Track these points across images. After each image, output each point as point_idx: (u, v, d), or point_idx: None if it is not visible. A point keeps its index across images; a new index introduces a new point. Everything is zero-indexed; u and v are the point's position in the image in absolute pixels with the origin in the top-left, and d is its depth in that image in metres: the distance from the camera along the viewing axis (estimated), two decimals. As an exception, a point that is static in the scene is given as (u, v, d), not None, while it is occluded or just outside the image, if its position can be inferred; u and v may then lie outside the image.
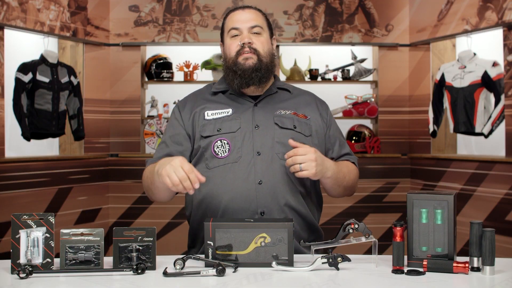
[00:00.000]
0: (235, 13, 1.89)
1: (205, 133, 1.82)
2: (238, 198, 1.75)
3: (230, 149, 1.79)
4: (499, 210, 3.97)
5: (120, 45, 4.71)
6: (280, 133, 1.81)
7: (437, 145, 4.64)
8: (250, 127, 1.82)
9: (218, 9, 4.74)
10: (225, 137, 1.80)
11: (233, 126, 1.82)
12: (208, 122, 1.84)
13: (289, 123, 1.83)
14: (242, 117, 1.83)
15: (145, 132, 4.75)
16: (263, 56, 1.83)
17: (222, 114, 1.85)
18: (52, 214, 1.51)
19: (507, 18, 3.92)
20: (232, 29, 1.85)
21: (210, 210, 1.80)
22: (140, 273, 1.46)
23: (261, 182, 1.76)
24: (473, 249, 1.46)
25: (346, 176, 1.83)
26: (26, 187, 4.07)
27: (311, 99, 1.96)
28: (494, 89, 4.05)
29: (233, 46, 1.85)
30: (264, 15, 1.92)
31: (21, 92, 3.99)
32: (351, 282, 1.40)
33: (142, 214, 4.65)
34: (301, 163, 1.64)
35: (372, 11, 4.81)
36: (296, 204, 1.79)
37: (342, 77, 4.81)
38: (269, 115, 1.84)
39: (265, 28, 1.88)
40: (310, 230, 1.84)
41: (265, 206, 1.75)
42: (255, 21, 1.86)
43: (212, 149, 1.80)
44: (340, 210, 4.66)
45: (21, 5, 4.02)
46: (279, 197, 1.77)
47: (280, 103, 1.89)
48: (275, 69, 1.92)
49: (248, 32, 1.84)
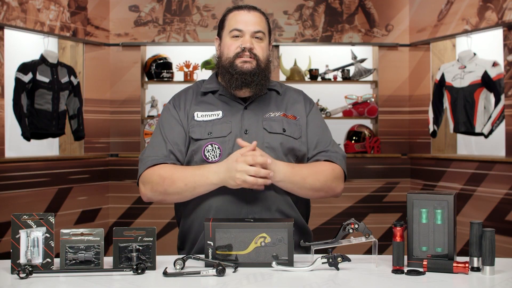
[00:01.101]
0: (240, 12, 1.85)
1: (195, 135, 1.79)
2: (229, 204, 1.74)
3: (221, 154, 1.76)
4: (499, 210, 3.97)
5: (120, 45, 4.71)
6: (269, 137, 1.79)
7: (437, 145, 4.64)
8: (240, 131, 1.79)
9: (218, 9, 4.74)
10: (215, 142, 1.77)
11: (224, 130, 1.79)
12: (198, 123, 1.81)
13: (278, 126, 1.81)
14: (233, 121, 1.81)
15: (145, 132, 4.75)
16: (261, 62, 1.82)
17: (212, 116, 1.82)
18: (52, 214, 1.51)
19: (507, 18, 3.92)
20: (234, 29, 1.83)
21: (200, 215, 1.78)
22: (140, 273, 1.46)
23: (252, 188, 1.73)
24: (473, 249, 1.46)
25: (309, 177, 1.74)
26: (26, 187, 4.07)
27: (298, 97, 1.93)
28: (494, 89, 4.05)
29: (232, 47, 1.82)
30: (267, 19, 1.89)
31: (21, 92, 3.99)
32: (351, 282, 1.40)
33: (142, 214, 4.65)
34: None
35: (372, 11, 4.81)
36: (286, 209, 1.78)
37: (342, 77, 4.81)
38: (258, 119, 1.82)
39: (266, 34, 1.86)
40: (301, 233, 1.83)
41: (256, 212, 1.74)
42: (259, 26, 1.83)
43: (203, 153, 1.77)
44: (340, 210, 4.66)
45: (21, 5, 4.02)
46: (270, 203, 1.75)
47: (270, 105, 1.87)
48: (270, 75, 1.89)
49: (250, 37, 1.82)
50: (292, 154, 1.81)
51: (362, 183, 4.69)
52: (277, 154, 1.77)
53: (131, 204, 4.66)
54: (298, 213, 1.82)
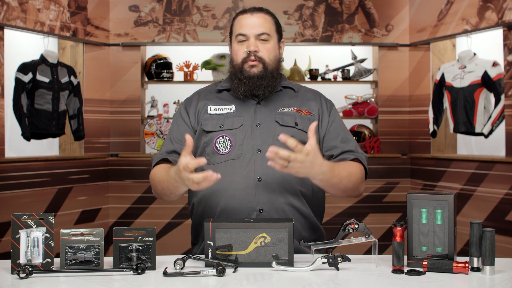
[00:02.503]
0: (243, 16, 1.87)
1: (207, 128, 1.83)
2: (238, 195, 1.76)
3: (232, 146, 1.80)
4: (499, 210, 3.97)
5: (120, 45, 4.71)
6: (280, 130, 1.80)
7: (437, 145, 4.64)
8: (251, 124, 1.82)
9: (218, 9, 4.74)
10: (227, 134, 1.81)
11: (235, 123, 1.83)
12: (211, 117, 1.85)
13: (290, 120, 1.83)
14: (245, 114, 1.84)
15: (145, 132, 4.75)
16: (268, 64, 1.84)
17: (225, 110, 1.86)
18: (52, 214, 1.51)
19: (507, 18, 3.92)
20: (239, 34, 1.85)
21: (210, 206, 1.81)
22: (140, 273, 1.46)
23: (261, 179, 1.77)
24: (473, 249, 1.46)
25: (344, 180, 1.74)
26: (26, 187, 4.07)
27: (315, 96, 1.95)
28: (494, 89, 4.05)
29: (239, 52, 1.85)
30: (273, 18, 1.90)
31: (21, 92, 3.99)
32: (351, 282, 1.40)
33: (142, 214, 4.65)
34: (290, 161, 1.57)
35: (372, 11, 4.81)
36: (296, 202, 1.79)
37: (342, 77, 4.81)
38: (271, 113, 1.85)
39: (273, 34, 1.87)
40: (311, 229, 1.84)
41: (264, 204, 1.76)
42: (263, 28, 1.84)
43: (214, 144, 1.81)
44: (340, 210, 4.66)
45: (21, 5, 4.02)
46: (278, 195, 1.77)
47: (284, 100, 1.89)
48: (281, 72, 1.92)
49: (255, 39, 1.84)
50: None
51: (362, 183, 4.69)
52: (287, 147, 1.77)
53: (131, 204, 4.67)
54: (308, 208, 1.83)
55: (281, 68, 1.91)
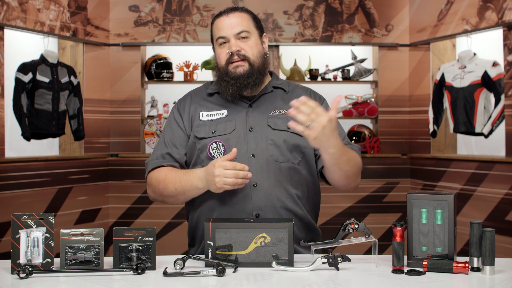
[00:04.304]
0: (220, 19, 1.86)
1: (200, 134, 1.83)
2: (233, 200, 1.76)
3: (225, 151, 1.79)
4: (499, 210, 3.97)
5: (120, 45, 4.71)
6: (273, 134, 1.80)
7: (437, 145, 4.64)
8: (244, 129, 1.81)
9: (218, 9, 4.68)
10: (220, 139, 1.80)
11: (228, 128, 1.82)
12: (203, 123, 1.84)
13: (282, 124, 1.81)
14: (237, 118, 1.83)
15: (145, 132, 4.75)
16: (253, 61, 1.82)
17: (217, 116, 1.85)
18: (52, 214, 1.51)
19: (507, 18, 3.92)
20: (219, 37, 1.84)
21: (206, 212, 1.81)
22: (140, 273, 1.46)
23: (256, 184, 1.76)
24: (473, 249, 1.46)
25: (350, 161, 1.73)
26: (26, 187, 4.07)
27: (306, 93, 1.92)
28: (494, 89, 4.05)
29: (222, 55, 1.83)
30: (250, 14, 1.88)
31: (21, 92, 3.99)
32: (351, 282, 1.40)
33: (142, 214, 4.65)
34: (312, 121, 1.55)
35: (372, 11, 4.81)
36: (292, 206, 1.79)
37: (342, 77, 4.81)
38: (263, 116, 1.83)
39: (253, 30, 1.85)
40: (308, 230, 1.84)
41: (260, 209, 1.75)
42: (241, 26, 1.82)
43: (208, 151, 1.80)
44: (340, 210, 4.66)
45: (21, 5, 4.02)
46: (274, 199, 1.76)
47: (275, 102, 1.88)
48: (268, 67, 1.90)
49: (235, 39, 1.82)
50: (297, 150, 1.81)
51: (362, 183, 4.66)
52: (281, 151, 1.78)
53: (131, 204, 4.67)
54: (304, 210, 1.82)
55: (268, 63, 1.88)
